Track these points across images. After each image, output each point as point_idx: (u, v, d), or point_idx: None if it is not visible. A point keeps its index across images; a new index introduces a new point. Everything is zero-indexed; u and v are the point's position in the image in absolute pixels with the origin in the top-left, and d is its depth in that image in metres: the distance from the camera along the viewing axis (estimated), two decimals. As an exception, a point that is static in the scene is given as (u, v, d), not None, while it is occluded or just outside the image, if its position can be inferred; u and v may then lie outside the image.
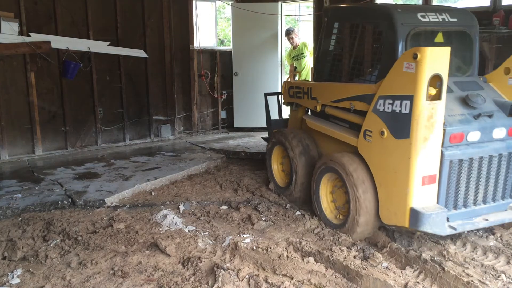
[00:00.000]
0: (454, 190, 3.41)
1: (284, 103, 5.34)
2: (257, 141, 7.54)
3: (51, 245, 3.62)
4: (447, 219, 3.29)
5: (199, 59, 8.21)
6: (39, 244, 3.65)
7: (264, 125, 8.43)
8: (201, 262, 3.28)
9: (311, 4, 8.01)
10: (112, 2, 7.10)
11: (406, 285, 2.86)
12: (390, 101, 3.31)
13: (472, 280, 2.89)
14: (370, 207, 3.56)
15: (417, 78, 3.05)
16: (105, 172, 5.76)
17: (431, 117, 3.11)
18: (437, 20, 3.77)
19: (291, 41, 7.90)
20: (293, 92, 4.97)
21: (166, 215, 4.24)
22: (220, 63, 8.54)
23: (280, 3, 8.18)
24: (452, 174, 3.35)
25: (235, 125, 8.66)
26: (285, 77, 9.13)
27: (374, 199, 3.56)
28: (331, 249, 3.37)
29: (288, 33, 7.90)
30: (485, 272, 3.09)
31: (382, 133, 3.40)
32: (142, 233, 3.88)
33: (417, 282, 2.93)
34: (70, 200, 4.69)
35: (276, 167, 5.08)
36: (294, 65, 8.17)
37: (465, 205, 3.47)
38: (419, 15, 3.72)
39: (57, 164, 6.17)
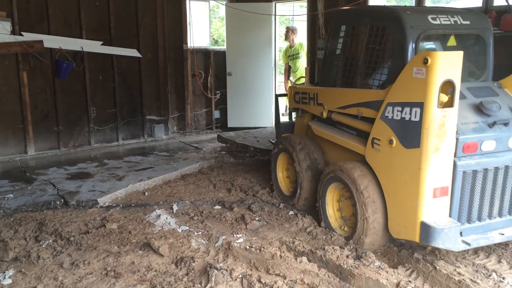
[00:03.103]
0: (468, 203, 3.22)
1: (289, 109, 5.15)
2: (251, 142, 7.53)
3: (43, 246, 3.60)
4: (460, 233, 3.11)
5: (192, 58, 8.20)
6: (31, 244, 3.63)
7: (258, 125, 8.51)
8: (194, 262, 3.28)
9: (305, 4, 8.02)
10: (105, 2, 7.08)
11: (398, 284, 2.88)
12: (399, 108, 3.15)
13: (463, 279, 2.91)
14: (378, 227, 3.39)
15: (427, 84, 2.90)
16: (98, 172, 5.73)
17: (442, 125, 2.95)
18: (448, 22, 3.58)
19: (289, 39, 7.91)
20: (298, 97, 4.75)
21: (159, 215, 4.24)
22: (214, 63, 8.54)
23: (274, 3, 8.19)
24: (466, 185, 3.17)
25: (229, 125, 8.65)
26: (279, 77, 9.16)
27: (383, 218, 3.39)
28: (324, 249, 3.38)
29: (291, 30, 7.90)
30: (476, 271, 3.12)
31: (391, 141, 3.23)
32: (135, 233, 3.87)
33: (409, 281, 2.95)
34: (62, 200, 4.67)
35: (281, 175, 4.86)
36: (289, 65, 8.19)
37: (479, 219, 3.28)
38: (429, 17, 3.53)
39: (50, 164, 6.14)
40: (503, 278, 3.05)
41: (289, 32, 7.96)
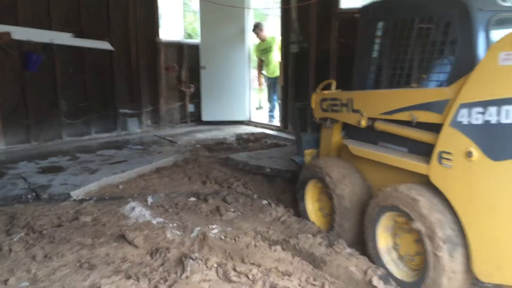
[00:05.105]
0: None
1: (315, 120, 4.24)
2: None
3: (15, 239, 3.54)
4: None
5: (165, 52, 8.15)
6: (2, 238, 3.57)
7: (233, 118, 8.54)
8: (169, 252, 3.30)
9: (279, -2, 8.08)
10: (75, -7, 6.96)
11: (366, 271, 2.96)
12: (480, 109, 2.51)
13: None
14: (458, 269, 2.64)
15: None
16: (70, 166, 5.65)
17: None
18: None
19: (258, 35, 7.98)
20: (327, 105, 4.00)
21: (133, 208, 4.23)
22: (188, 56, 8.51)
23: (247, -4, 8.22)
24: None
25: (203, 119, 8.67)
26: (255, 71, 9.19)
27: (464, 257, 2.64)
28: (297, 237, 3.45)
29: (255, 27, 7.98)
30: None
31: (469, 154, 2.54)
32: (109, 225, 3.85)
33: (377, 268, 3.03)
34: (34, 194, 4.59)
35: (311, 207, 4.03)
36: (262, 59, 8.25)
37: None
38: None
39: (20, 158, 6.01)
40: None
41: (257, 30, 8.03)
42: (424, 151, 2.94)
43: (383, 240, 3.11)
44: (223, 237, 3.50)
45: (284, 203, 4.43)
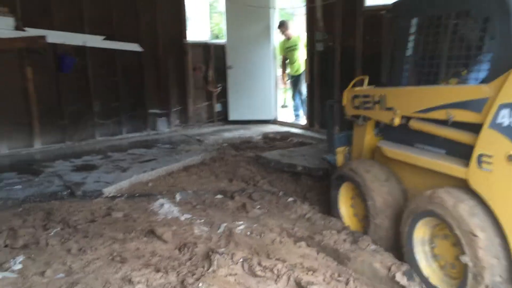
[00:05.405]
0: None
1: (346, 117, 4.14)
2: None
3: (51, 234, 3.72)
4: None
5: (193, 52, 8.31)
6: (39, 232, 3.76)
7: (260, 117, 8.61)
8: (197, 247, 3.40)
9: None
10: (107, -3, 7.19)
11: (390, 268, 2.97)
12: None
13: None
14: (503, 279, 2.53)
15: None
16: (102, 164, 5.86)
17: None
18: None
19: (284, 33, 8.02)
20: (359, 102, 3.88)
21: (162, 204, 4.36)
22: (214, 56, 8.64)
23: (273, -4, 8.28)
24: None
25: (230, 118, 8.78)
26: (280, 71, 9.24)
27: (509, 262, 2.53)
28: (321, 234, 3.49)
29: (281, 25, 8.01)
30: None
31: (511, 158, 2.43)
32: (139, 221, 3.99)
33: (401, 264, 3.04)
34: (69, 191, 4.80)
35: (345, 211, 3.90)
36: (286, 57, 8.29)
37: None
38: None
39: (56, 157, 6.27)
40: None
41: (282, 28, 8.05)
42: (463, 153, 2.76)
43: (420, 246, 2.98)
44: (249, 233, 3.58)
45: (310, 201, 4.48)
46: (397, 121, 3.35)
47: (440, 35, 3.08)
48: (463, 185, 2.74)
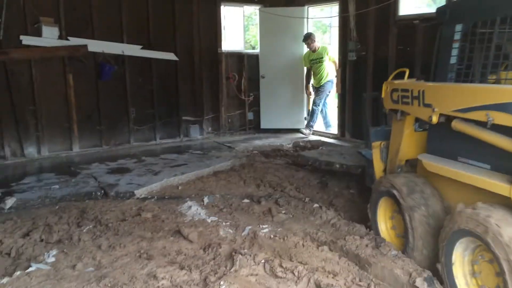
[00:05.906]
0: None
1: (385, 111, 4.01)
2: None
3: (84, 230, 3.91)
4: None
5: (227, 62, 8.49)
6: (73, 229, 3.95)
7: (291, 126, 8.66)
8: (221, 248, 3.47)
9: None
10: (144, 8, 7.48)
11: (411, 274, 2.94)
12: None
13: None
14: None
15: None
16: (136, 168, 6.08)
17: None
18: None
19: (309, 45, 8.05)
20: (397, 96, 3.65)
21: (190, 207, 4.48)
22: (248, 66, 8.78)
23: (306, 7, 8.35)
24: None
25: (262, 127, 8.87)
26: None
27: None
28: (344, 239, 3.49)
29: (306, 37, 8.04)
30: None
31: None
32: (167, 222, 4.12)
33: (423, 271, 2.99)
34: (102, 191, 5.02)
35: (384, 227, 3.67)
36: (310, 69, 8.29)
37: None
38: None
39: (92, 160, 6.56)
40: None
41: (308, 40, 8.03)
42: (509, 169, 2.54)
43: (459, 268, 2.76)
44: (272, 236, 3.62)
45: (336, 207, 4.48)
46: (434, 119, 3.13)
47: (485, 42, 2.91)
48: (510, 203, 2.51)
